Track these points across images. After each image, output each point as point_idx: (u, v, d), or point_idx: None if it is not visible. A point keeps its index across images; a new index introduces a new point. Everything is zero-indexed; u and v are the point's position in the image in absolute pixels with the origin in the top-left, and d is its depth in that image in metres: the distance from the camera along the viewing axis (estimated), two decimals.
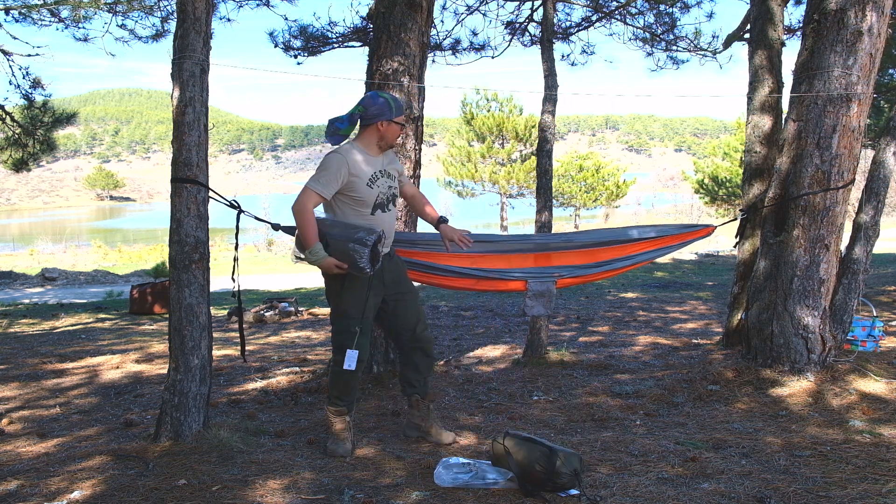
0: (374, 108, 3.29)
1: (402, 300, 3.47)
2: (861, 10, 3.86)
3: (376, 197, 3.31)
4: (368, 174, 3.29)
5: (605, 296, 10.64)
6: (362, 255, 3.12)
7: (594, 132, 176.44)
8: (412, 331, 3.46)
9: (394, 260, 3.50)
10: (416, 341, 3.48)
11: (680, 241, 4.68)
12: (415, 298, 3.53)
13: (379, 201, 3.33)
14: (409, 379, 3.54)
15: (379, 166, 3.36)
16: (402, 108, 3.39)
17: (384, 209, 3.36)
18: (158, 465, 3.08)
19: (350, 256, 3.14)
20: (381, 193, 3.34)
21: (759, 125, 5.27)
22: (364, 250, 3.12)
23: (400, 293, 3.47)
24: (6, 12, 8.97)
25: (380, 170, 3.35)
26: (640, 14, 8.81)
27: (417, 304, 3.53)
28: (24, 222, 64.66)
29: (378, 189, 3.32)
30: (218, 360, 5.90)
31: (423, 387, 3.54)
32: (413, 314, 3.48)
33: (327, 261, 3.18)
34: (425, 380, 3.55)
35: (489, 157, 30.29)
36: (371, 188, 3.30)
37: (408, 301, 3.49)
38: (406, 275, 3.60)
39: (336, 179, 3.22)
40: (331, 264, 3.18)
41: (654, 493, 2.72)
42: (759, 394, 4.01)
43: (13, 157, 10.11)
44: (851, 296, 4.56)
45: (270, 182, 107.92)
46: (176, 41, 3.35)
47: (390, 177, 3.41)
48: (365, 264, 3.14)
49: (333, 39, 7.67)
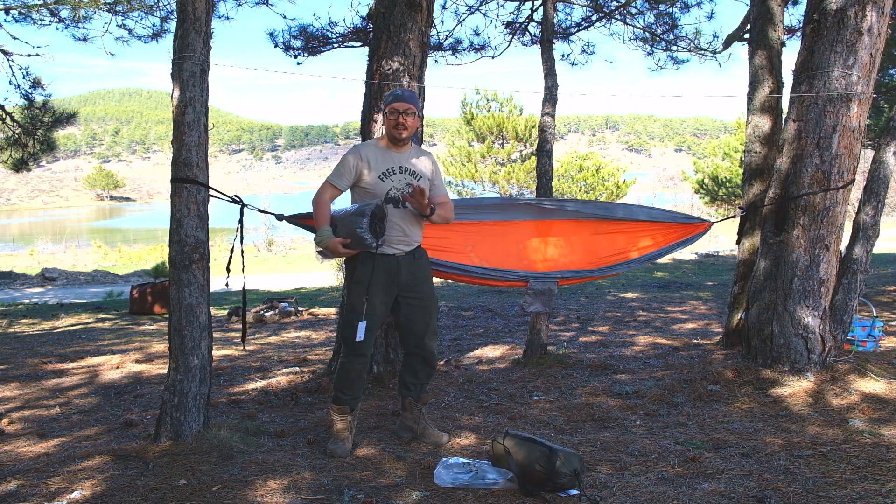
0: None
1: (417, 306, 3.41)
2: (861, 10, 3.86)
3: (388, 191, 3.33)
4: (383, 168, 3.33)
5: (605, 296, 10.64)
6: (361, 225, 3.14)
7: (594, 132, 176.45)
8: (419, 338, 3.43)
9: (417, 262, 3.42)
10: (420, 349, 3.46)
11: (677, 237, 4.69)
12: (429, 307, 3.44)
13: (392, 195, 3.33)
14: (406, 381, 3.54)
15: (400, 162, 3.37)
16: (397, 97, 3.35)
17: (398, 205, 3.34)
18: (158, 465, 3.08)
19: (353, 230, 3.17)
20: (395, 188, 3.34)
21: (758, 125, 5.27)
22: (362, 220, 3.14)
23: (416, 297, 3.41)
24: (6, 12, 8.97)
25: (401, 166, 3.36)
26: (640, 14, 8.82)
27: (431, 313, 3.45)
28: (24, 222, 64.65)
29: (392, 184, 3.34)
30: (218, 360, 5.90)
31: (418, 391, 3.53)
32: (423, 323, 3.42)
33: (333, 241, 3.23)
34: (422, 385, 3.54)
35: (489, 157, 30.27)
36: (383, 181, 3.33)
37: (422, 308, 3.42)
38: (430, 282, 3.51)
39: (349, 171, 3.33)
40: (336, 244, 3.22)
41: (654, 493, 2.72)
42: (759, 394, 4.00)
43: (13, 157, 10.10)
44: (851, 296, 4.56)
45: (270, 182, 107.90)
46: (176, 41, 3.35)
47: (414, 175, 3.39)
48: (364, 233, 3.14)
49: (333, 39, 7.67)
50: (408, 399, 3.53)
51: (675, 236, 4.71)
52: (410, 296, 3.41)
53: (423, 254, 3.50)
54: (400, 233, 3.34)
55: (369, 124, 4.67)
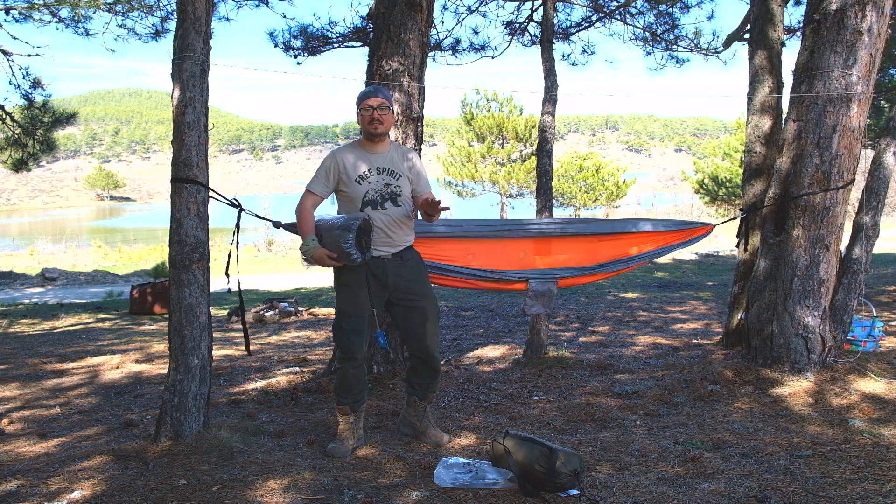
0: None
1: (411, 307, 3.37)
2: (861, 10, 3.86)
3: (365, 193, 3.29)
4: (360, 170, 3.29)
5: (605, 296, 10.64)
6: (347, 240, 3.12)
7: (594, 132, 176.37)
8: (418, 340, 3.40)
9: (406, 265, 3.37)
10: (420, 351, 3.43)
11: (679, 239, 4.70)
12: (424, 308, 3.38)
13: (369, 198, 3.29)
14: (411, 381, 3.54)
15: (378, 163, 3.32)
16: (368, 94, 3.31)
17: (376, 207, 3.29)
18: (158, 465, 3.08)
19: (338, 244, 3.15)
20: (373, 190, 3.29)
21: (759, 125, 5.27)
22: (348, 235, 3.12)
23: (411, 300, 3.37)
24: (6, 12, 8.97)
25: (379, 167, 3.32)
26: (641, 14, 8.81)
27: (427, 315, 3.38)
28: (24, 222, 64.64)
29: (368, 185, 3.29)
30: (218, 360, 5.90)
31: (423, 391, 3.52)
32: (419, 325, 3.37)
33: (319, 251, 3.20)
34: (427, 385, 3.51)
35: (489, 157, 30.29)
36: (360, 184, 3.29)
37: (417, 310, 3.37)
38: (423, 283, 3.43)
39: (326, 176, 3.32)
40: (322, 254, 3.20)
41: (654, 493, 2.72)
42: (759, 394, 4.01)
43: (13, 157, 10.10)
44: (851, 296, 4.56)
45: (270, 182, 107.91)
46: (176, 41, 3.35)
47: (392, 175, 3.33)
48: (350, 248, 3.13)
49: (333, 39, 7.66)
50: (412, 397, 3.53)
51: (676, 239, 4.72)
52: (403, 298, 3.37)
53: (413, 255, 3.44)
54: (381, 235, 3.29)
55: None
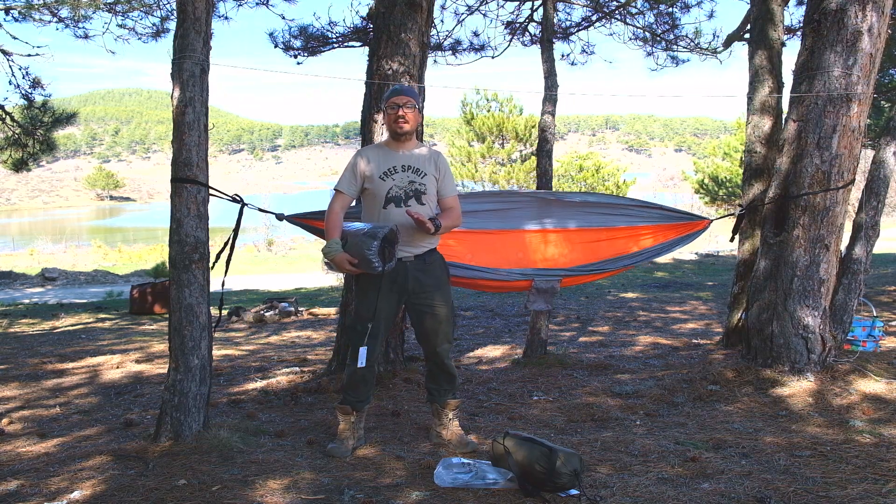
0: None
1: (428, 312, 3.33)
2: (861, 10, 3.86)
3: (388, 190, 3.26)
4: (385, 167, 3.28)
5: (605, 296, 10.64)
6: (371, 247, 3.04)
7: (594, 132, 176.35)
8: (431, 345, 3.38)
9: (428, 268, 3.33)
10: (433, 355, 3.41)
11: (677, 234, 4.71)
12: (440, 314, 3.34)
13: (393, 195, 3.26)
14: (429, 388, 3.50)
15: (402, 161, 3.30)
16: (396, 91, 3.30)
17: (400, 204, 3.25)
18: (158, 465, 3.08)
19: (361, 250, 3.07)
20: (397, 187, 3.26)
21: (759, 125, 5.27)
22: (373, 242, 3.04)
23: (428, 304, 3.32)
24: (6, 12, 8.96)
25: (404, 164, 3.29)
26: (640, 14, 8.81)
27: (442, 320, 3.34)
28: (24, 222, 64.63)
29: (392, 182, 3.26)
30: (218, 360, 5.90)
31: (441, 396, 3.45)
32: (434, 331, 3.34)
33: (340, 255, 3.15)
34: (444, 390, 3.46)
35: (489, 157, 30.27)
36: (384, 181, 3.26)
37: (433, 315, 3.33)
38: (443, 289, 3.37)
39: (353, 175, 3.31)
40: (343, 259, 3.14)
41: (654, 493, 2.72)
42: (759, 394, 4.00)
43: (13, 157, 10.10)
44: (851, 296, 4.56)
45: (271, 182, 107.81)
46: (176, 41, 3.35)
47: (418, 173, 3.30)
48: (373, 256, 3.05)
49: (333, 39, 7.67)
50: (434, 405, 3.49)
51: (674, 234, 4.73)
52: (421, 302, 3.33)
53: (436, 258, 3.39)
54: (403, 234, 3.24)
55: (369, 124, 4.67)
